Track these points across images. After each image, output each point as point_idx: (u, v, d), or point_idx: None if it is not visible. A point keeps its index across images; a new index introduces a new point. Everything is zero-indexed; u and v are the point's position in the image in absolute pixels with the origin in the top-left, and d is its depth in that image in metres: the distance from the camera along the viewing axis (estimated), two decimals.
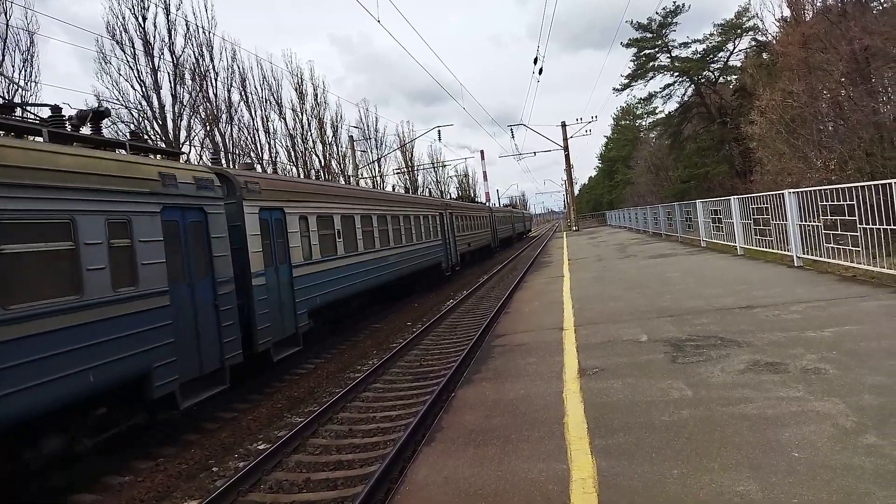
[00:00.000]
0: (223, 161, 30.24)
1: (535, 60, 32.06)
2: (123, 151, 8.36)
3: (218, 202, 9.16)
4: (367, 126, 50.31)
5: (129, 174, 7.44)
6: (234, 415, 9.04)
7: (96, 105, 25.39)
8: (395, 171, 56.24)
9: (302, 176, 34.55)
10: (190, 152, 28.36)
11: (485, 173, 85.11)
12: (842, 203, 9.82)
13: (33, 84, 22.55)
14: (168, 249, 7.77)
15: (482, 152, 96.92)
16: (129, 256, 7.14)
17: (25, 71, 22.27)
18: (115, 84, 26.26)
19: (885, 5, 18.51)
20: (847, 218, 9.68)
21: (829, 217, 10.48)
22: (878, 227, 8.82)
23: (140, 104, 26.62)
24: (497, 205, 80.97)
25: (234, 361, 8.90)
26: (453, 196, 70.39)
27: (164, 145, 26.69)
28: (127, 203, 7.21)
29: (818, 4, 21.71)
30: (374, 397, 9.27)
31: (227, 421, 8.78)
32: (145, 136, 25.84)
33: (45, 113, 7.64)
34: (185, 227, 8.36)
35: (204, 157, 29.37)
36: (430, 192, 56.75)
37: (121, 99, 26.30)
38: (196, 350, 8.16)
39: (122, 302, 6.86)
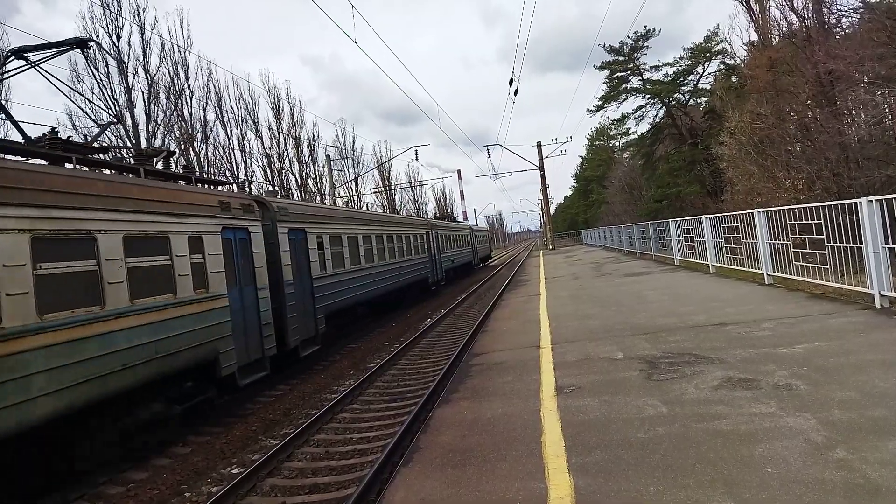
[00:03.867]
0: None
1: (511, 81, 32.52)
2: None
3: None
4: (344, 145, 50.35)
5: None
6: (207, 438, 8.87)
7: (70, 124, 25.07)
8: (373, 191, 56.28)
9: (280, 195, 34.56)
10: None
11: (461, 192, 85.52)
12: (810, 222, 10.06)
13: (4, 103, 22.18)
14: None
15: (459, 172, 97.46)
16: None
17: None
18: (88, 102, 25.99)
19: (847, 31, 19.13)
20: (815, 236, 9.91)
21: (798, 236, 10.71)
22: (845, 245, 9.04)
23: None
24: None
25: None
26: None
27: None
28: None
29: (784, 29, 22.39)
30: (351, 418, 9.17)
31: (200, 444, 8.61)
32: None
33: None
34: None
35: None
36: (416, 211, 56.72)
37: (94, 117, 26.03)
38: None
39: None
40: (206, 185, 12.19)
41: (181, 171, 12.72)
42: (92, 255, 7.01)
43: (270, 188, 36.77)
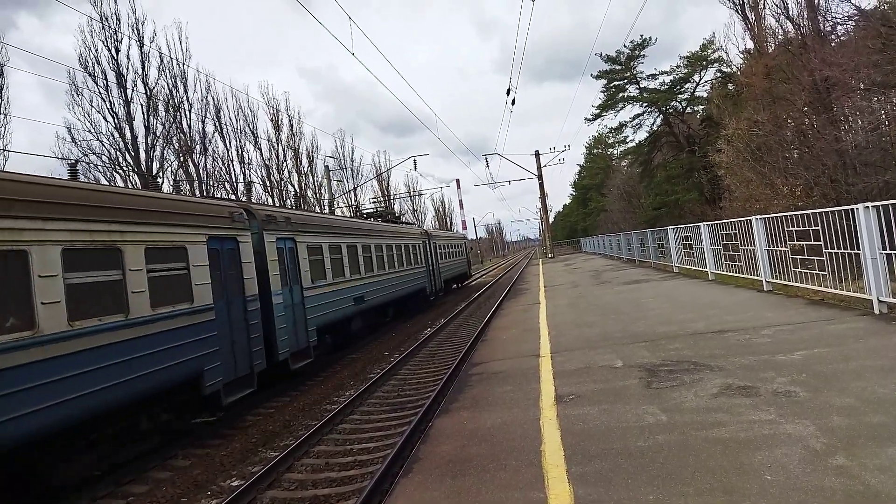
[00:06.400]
0: (197, 192, 30.20)
1: (508, 91, 32.61)
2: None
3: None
4: (343, 156, 50.54)
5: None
6: (207, 451, 8.85)
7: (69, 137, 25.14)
8: (372, 200, 56.38)
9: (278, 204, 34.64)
10: (163, 183, 28.20)
11: (461, 202, 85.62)
12: (808, 228, 10.07)
13: (3, 117, 22.34)
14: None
15: (458, 181, 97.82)
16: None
17: None
18: (87, 115, 26.15)
19: (842, 38, 19.24)
20: (814, 243, 9.92)
21: (796, 242, 10.73)
22: (843, 251, 9.05)
23: (112, 135, 26.51)
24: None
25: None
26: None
27: (136, 176, 26.56)
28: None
29: (780, 37, 22.53)
30: (351, 429, 9.16)
31: (200, 457, 8.59)
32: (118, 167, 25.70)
33: None
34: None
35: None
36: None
37: (93, 130, 26.18)
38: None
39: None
40: None
41: None
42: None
43: (269, 199, 36.83)
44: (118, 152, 26.72)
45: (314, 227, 14.81)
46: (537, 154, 49.29)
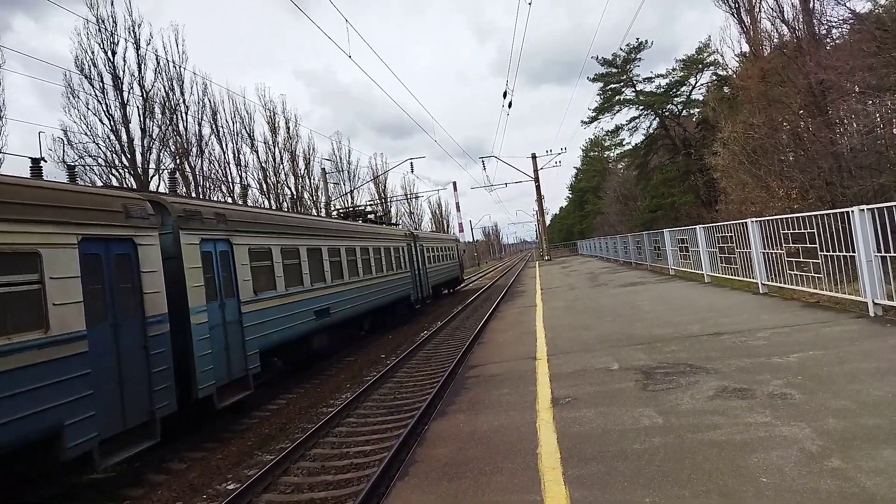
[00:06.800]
0: (194, 195, 30.15)
1: (505, 94, 32.62)
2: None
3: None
4: (340, 158, 50.55)
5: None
6: (203, 454, 8.82)
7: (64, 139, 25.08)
8: (369, 203, 56.38)
9: (274, 207, 34.60)
10: (159, 185, 28.17)
11: (457, 204, 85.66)
12: (803, 231, 10.10)
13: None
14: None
15: (454, 183, 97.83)
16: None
17: None
18: (83, 118, 26.10)
19: (837, 42, 19.30)
20: (809, 245, 9.95)
21: (791, 245, 10.76)
22: (838, 254, 9.08)
23: (108, 138, 26.46)
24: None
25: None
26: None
27: (132, 179, 26.51)
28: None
29: (775, 40, 22.59)
30: (347, 432, 9.14)
31: (196, 460, 8.56)
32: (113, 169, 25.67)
33: None
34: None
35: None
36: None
37: (89, 133, 26.14)
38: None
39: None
40: None
41: None
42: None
43: (266, 202, 36.79)
44: (114, 155, 26.69)
45: (260, 225, 12.00)
46: (534, 157, 49.39)
